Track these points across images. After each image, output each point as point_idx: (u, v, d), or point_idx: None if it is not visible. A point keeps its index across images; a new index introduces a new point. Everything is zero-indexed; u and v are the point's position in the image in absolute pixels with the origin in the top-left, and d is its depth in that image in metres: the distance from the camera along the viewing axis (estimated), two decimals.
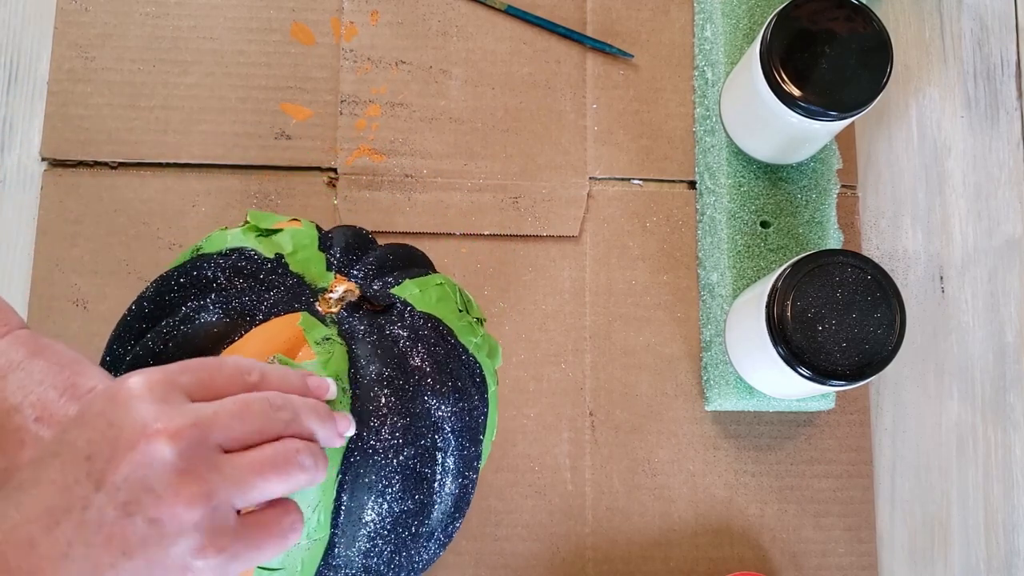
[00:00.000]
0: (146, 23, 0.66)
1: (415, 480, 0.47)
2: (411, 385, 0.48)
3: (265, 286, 0.49)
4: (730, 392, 0.60)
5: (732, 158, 0.63)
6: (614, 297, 0.65)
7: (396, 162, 0.65)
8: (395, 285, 0.51)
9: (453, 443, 0.50)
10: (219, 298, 0.48)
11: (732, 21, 0.64)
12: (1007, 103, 0.69)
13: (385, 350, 0.48)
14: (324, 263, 0.51)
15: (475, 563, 0.61)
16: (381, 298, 0.50)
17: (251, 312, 0.48)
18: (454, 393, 0.49)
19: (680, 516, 0.62)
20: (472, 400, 0.50)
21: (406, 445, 0.47)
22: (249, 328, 0.48)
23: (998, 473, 0.64)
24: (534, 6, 0.68)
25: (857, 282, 0.53)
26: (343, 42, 0.66)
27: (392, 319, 0.50)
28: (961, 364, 0.66)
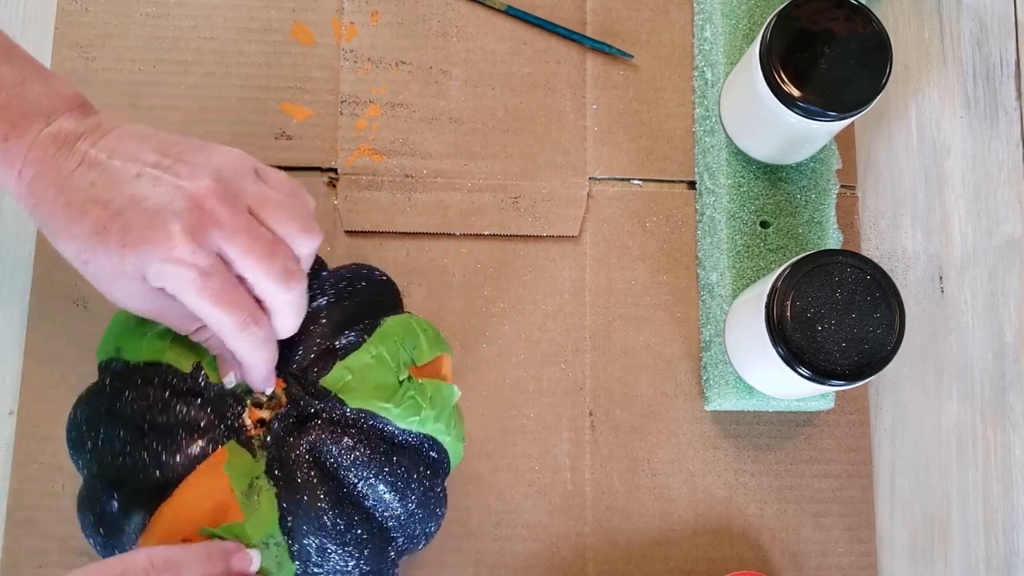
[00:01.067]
0: (146, 23, 0.66)
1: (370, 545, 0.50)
2: (350, 504, 0.49)
3: (187, 406, 0.49)
4: (730, 392, 0.60)
5: (732, 158, 0.63)
6: (614, 297, 0.65)
7: (396, 162, 0.65)
8: (325, 373, 0.50)
9: (405, 527, 0.51)
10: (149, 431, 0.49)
11: (732, 21, 0.64)
12: (1006, 103, 0.69)
13: (318, 477, 0.49)
14: None
15: (475, 563, 0.61)
16: (307, 405, 0.50)
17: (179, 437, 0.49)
18: (396, 495, 0.50)
19: (680, 516, 0.62)
20: (421, 483, 0.51)
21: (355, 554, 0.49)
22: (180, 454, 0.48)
23: (998, 473, 0.64)
24: (534, 6, 0.68)
25: (857, 282, 0.53)
26: (343, 42, 0.66)
27: (321, 428, 0.49)
28: (961, 364, 0.66)
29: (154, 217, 0.44)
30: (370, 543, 0.50)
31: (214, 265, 0.45)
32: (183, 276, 0.44)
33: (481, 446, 0.62)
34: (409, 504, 0.51)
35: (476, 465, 0.62)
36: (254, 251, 0.45)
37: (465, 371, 0.63)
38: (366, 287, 0.54)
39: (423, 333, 0.54)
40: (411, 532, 0.52)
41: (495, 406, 0.62)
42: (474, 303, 0.64)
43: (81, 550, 0.59)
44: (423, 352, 0.53)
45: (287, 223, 0.47)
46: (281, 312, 0.47)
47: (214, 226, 0.45)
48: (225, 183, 0.45)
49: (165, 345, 0.50)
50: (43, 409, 0.61)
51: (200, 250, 0.44)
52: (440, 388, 0.52)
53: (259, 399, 0.50)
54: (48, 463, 0.60)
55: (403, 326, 0.53)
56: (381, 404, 0.50)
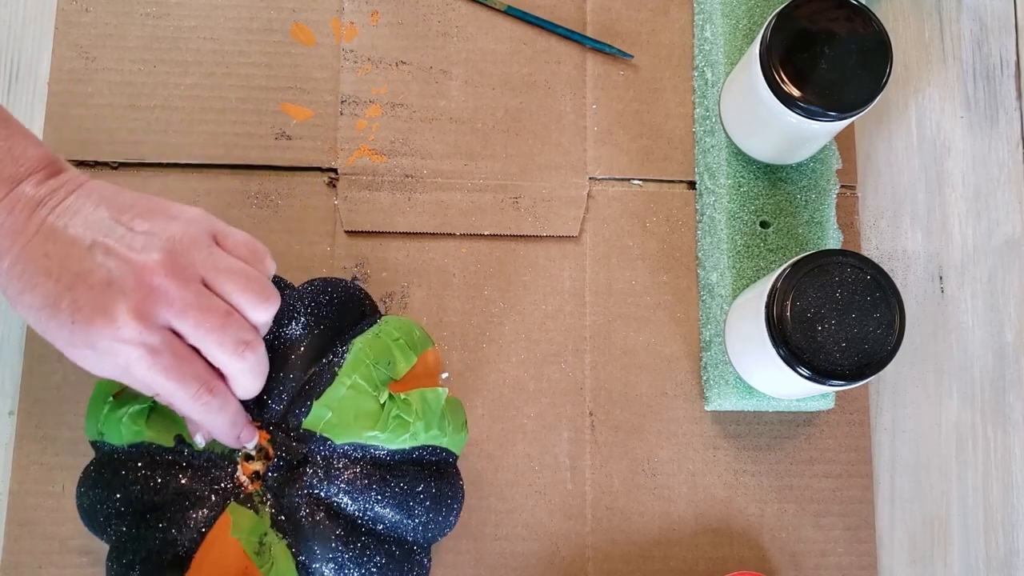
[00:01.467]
0: (146, 23, 0.66)
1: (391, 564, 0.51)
2: (362, 535, 0.49)
3: (179, 479, 0.50)
4: (730, 392, 0.60)
5: (732, 158, 0.63)
6: (614, 297, 0.65)
7: (396, 162, 0.65)
8: (305, 415, 0.50)
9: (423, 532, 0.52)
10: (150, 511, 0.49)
11: (732, 21, 0.64)
12: (1007, 103, 0.69)
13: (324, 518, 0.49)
14: None
15: (475, 563, 0.61)
16: (295, 451, 0.50)
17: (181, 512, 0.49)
18: (404, 513, 0.50)
19: (680, 516, 0.62)
20: (428, 492, 0.51)
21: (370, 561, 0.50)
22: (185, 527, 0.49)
23: (998, 473, 0.64)
24: (534, 6, 0.68)
25: (857, 282, 0.53)
26: (343, 42, 0.66)
27: (316, 470, 0.50)
28: (961, 364, 0.66)
29: (102, 295, 0.44)
30: (391, 563, 0.50)
31: (163, 341, 0.45)
32: (131, 353, 0.44)
33: (481, 446, 0.62)
34: (419, 517, 0.51)
35: (476, 465, 0.62)
36: (204, 325, 0.45)
37: (465, 371, 0.63)
38: (327, 307, 0.54)
39: (394, 344, 0.53)
40: (430, 535, 0.52)
41: (495, 406, 0.62)
42: (474, 303, 0.64)
43: (81, 550, 0.59)
44: (399, 366, 0.53)
45: (241, 293, 0.46)
46: (237, 379, 0.47)
47: (163, 303, 0.44)
48: (176, 255, 0.45)
49: (142, 427, 0.50)
50: (43, 409, 0.61)
51: (147, 329, 0.44)
52: (425, 396, 0.52)
53: (248, 453, 0.51)
54: (48, 463, 0.60)
55: (372, 345, 0.52)
56: (367, 434, 0.50)
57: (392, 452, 0.51)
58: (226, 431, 0.48)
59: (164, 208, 0.47)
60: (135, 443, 0.51)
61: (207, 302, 0.45)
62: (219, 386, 0.47)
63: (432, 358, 0.55)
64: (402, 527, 0.51)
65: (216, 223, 0.48)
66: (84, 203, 0.46)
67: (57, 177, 0.47)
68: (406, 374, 0.53)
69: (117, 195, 0.47)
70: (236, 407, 0.48)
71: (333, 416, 0.50)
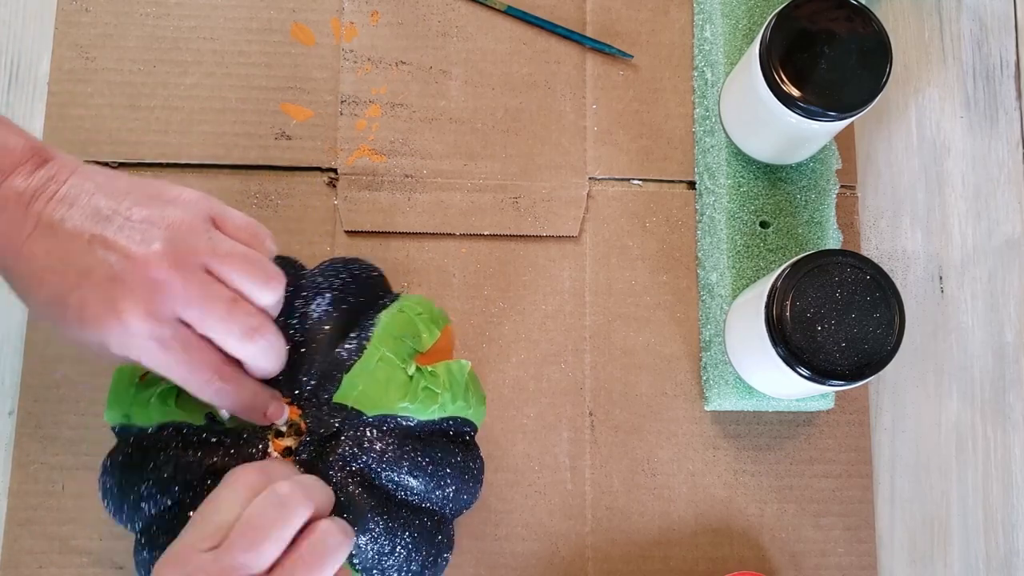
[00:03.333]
0: (146, 23, 0.66)
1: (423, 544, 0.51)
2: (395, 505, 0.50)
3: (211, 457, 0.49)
4: (730, 392, 0.60)
5: (732, 158, 0.63)
6: (614, 297, 0.65)
7: (396, 162, 0.65)
8: (335, 389, 0.51)
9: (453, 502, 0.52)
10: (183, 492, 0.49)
11: (732, 21, 0.64)
12: (1007, 103, 0.69)
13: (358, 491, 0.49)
14: None
15: (475, 563, 0.61)
16: (327, 425, 0.50)
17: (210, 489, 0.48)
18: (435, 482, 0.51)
19: (680, 516, 0.62)
20: (456, 463, 0.52)
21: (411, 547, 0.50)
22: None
23: (998, 473, 0.64)
24: (534, 6, 0.68)
25: (856, 282, 0.53)
26: (343, 42, 0.66)
27: (348, 443, 0.50)
28: (961, 364, 0.66)
29: (107, 292, 0.44)
30: (424, 532, 0.51)
31: (173, 334, 0.45)
32: (142, 346, 0.44)
33: (481, 446, 0.62)
34: (448, 487, 0.51)
35: None
36: (211, 314, 0.45)
37: None
38: (351, 283, 0.54)
39: (418, 319, 0.54)
40: (458, 506, 0.53)
41: (495, 406, 0.62)
42: (474, 303, 0.64)
43: (81, 550, 0.59)
44: (424, 338, 0.53)
45: (244, 277, 0.46)
46: (251, 363, 0.47)
47: (168, 296, 0.44)
48: (176, 245, 0.45)
49: (171, 406, 0.50)
50: (43, 409, 0.61)
51: (156, 324, 0.44)
52: (451, 368, 0.53)
53: (279, 429, 0.50)
54: (48, 463, 0.60)
55: (398, 320, 0.53)
56: (398, 405, 0.50)
57: (422, 423, 0.51)
58: (247, 412, 0.48)
59: (161, 192, 0.46)
60: (164, 423, 0.50)
61: (211, 291, 0.45)
62: (231, 372, 0.47)
63: (449, 335, 0.56)
64: (433, 498, 0.51)
65: (214, 205, 0.47)
66: (79, 192, 0.45)
67: (47, 166, 0.46)
68: (430, 348, 0.54)
69: (112, 180, 0.46)
70: (253, 389, 0.48)
71: (363, 389, 0.50)
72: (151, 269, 0.44)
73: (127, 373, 0.52)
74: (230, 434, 0.50)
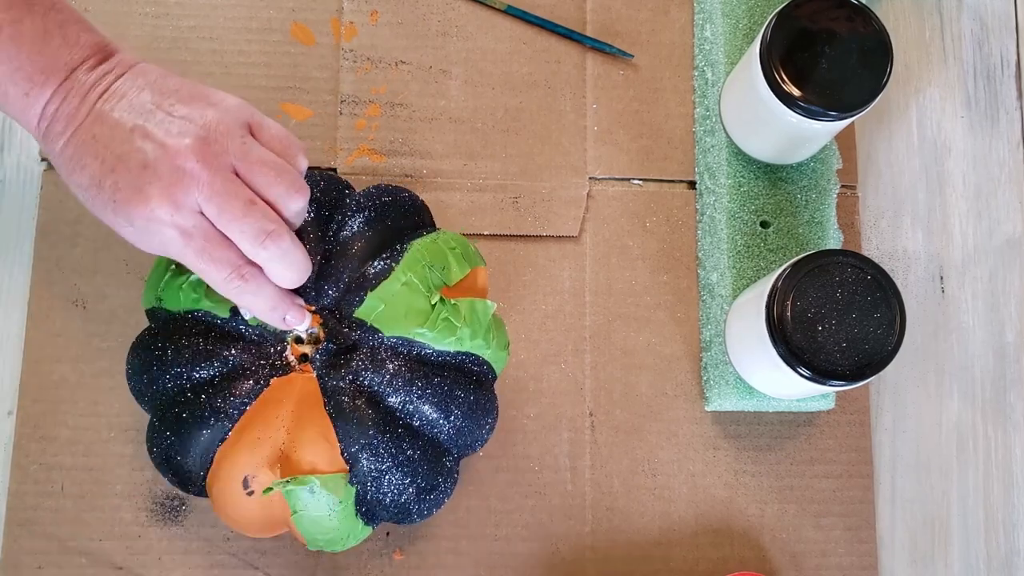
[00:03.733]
0: (146, 23, 0.66)
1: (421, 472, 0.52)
2: (399, 427, 0.51)
3: (230, 349, 0.51)
4: (730, 392, 0.60)
5: (732, 158, 0.63)
6: (614, 297, 0.65)
7: (396, 162, 0.65)
8: (358, 305, 0.52)
9: (456, 438, 0.53)
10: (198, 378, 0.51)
11: (732, 21, 0.64)
12: (1007, 103, 0.69)
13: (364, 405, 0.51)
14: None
15: (475, 563, 0.61)
16: (345, 337, 0.51)
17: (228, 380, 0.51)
18: (441, 412, 0.52)
19: (680, 516, 0.62)
20: (466, 398, 0.52)
21: (409, 472, 0.51)
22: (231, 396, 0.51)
23: (998, 473, 0.64)
24: (534, 6, 0.68)
25: (857, 282, 0.53)
26: (343, 42, 0.66)
27: (362, 358, 0.51)
28: (961, 364, 0.66)
29: (138, 177, 0.46)
30: (423, 460, 0.51)
31: (196, 225, 0.47)
32: (166, 233, 0.47)
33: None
34: (455, 420, 0.52)
35: (476, 465, 0.62)
36: (227, 212, 0.47)
37: None
38: (391, 208, 0.55)
39: (450, 252, 0.54)
40: (463, 442, 0.53)
41: None
42: None
43: (81, 550, 0.59)
44: (453, 272, 0.54)
45: (270, 184, 0.48)
46: (267, 268, 0.49)
47: (192, 187, 0.46)
48: (209, 143, 0.47)
49: (200, 295, 0.52)
50: (43, 409, 0.61)
51: (179, 211, 0.46)
52: (474, 305, 0.53)
53: (299, 335, 0.52)
54: (48, 463, 0.60)
55: (430, 249, 0.53)
56: (416, 330, 0.51)
57: (438, 353, 0.52)
58: (265, 314, 0.50)
59: (205, 95, 0.49)
60: (192, 310, 0.52)
61: (232, 188, 0.47)
62: (252, 272, 0.48)
63: (483, 277, 0.57)
64: (438, 427, 0.52)
65: (255, 114, 0.50)
66: (131, 87, 0.48)
67: (109, 61, 0.49)
68: (458, 283, 0.54)
69: (163, 79, 0.49)
70: (272, 293, 0.49)
71: (385, 309, 0.51)
72: (180, 159, 0.46)
73: (166, 261, 0.54)
74: (252, 331, 0.52)
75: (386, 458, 0.50)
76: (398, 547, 0.60)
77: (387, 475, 0.51)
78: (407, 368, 0.51)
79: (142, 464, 0.60)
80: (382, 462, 0.50)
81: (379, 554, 0.60)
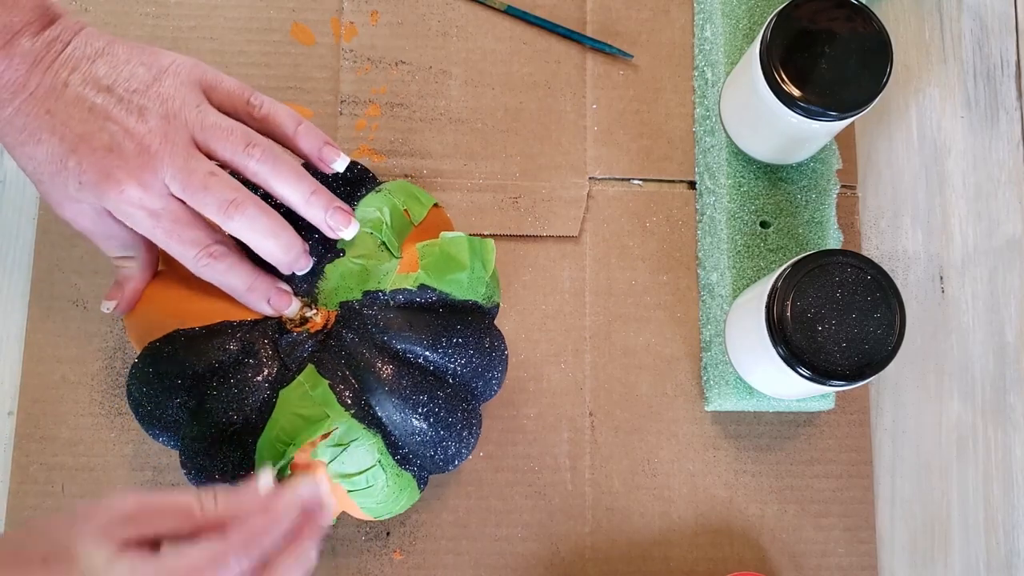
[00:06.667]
0: (146, 23, 0.66)
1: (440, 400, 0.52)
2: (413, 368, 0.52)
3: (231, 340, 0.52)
4: (730, 392, 0.60)
5: (732, 158, 0.63)
6: (614, 297, 0.65)
7: (396, 162, 0.65)
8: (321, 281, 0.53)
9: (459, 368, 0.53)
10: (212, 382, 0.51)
11: (732, 21, 0.64)
12: (1007, 103, 0.69)
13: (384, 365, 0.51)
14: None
15: (475, 563, 0.61)
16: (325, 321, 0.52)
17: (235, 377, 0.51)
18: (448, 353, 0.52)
19: (680, 516, 0.62)
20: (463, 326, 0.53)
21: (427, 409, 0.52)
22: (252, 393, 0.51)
23: (998, 473, 0.64)
24: (534, 6, 0.68)
25: (857, 282, 0.53)
26: (343, 42, 0.66)
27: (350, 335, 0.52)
28: (961, 364, 0.66)
29: (104, 159, 0.47)
30: (442, 399, 0.52)
31: (164, 207, 0.48)
32: (135, 215, 0.48)
33: (481, 446, 0.62)
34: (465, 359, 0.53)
35: (476, 465, 0.62)
36: (189, 188, 0.48)
37: None
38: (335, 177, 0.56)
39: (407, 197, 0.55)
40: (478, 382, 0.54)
41: (495, 406, 0.62)
42: None
43: None
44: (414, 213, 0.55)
45: (226, 148, 0.49)
46: (245, 238, 0.50)
47: (160, 167, 0.47)
48: (168, 119, 0.48)
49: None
50: (43, 409, 0.61)
51: (148, 195, 0.47)
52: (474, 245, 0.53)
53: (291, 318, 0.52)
54: (48, 463, 0.60)
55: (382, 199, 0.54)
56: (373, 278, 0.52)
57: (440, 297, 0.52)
58: (243, 295, 0.51)
59: (158, 61, 0.49)
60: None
61: (192, 164, 0.48)
62: (220, 250, 0.49)
63: (444, 214, 0.58)
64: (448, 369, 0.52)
65: (206, 72, 0.50)
66: (81, 57, 0.48)
67: (52, 27, 0.48)
68: (422, 223, 0.55)
69: (111, 47, 0.49)
70: (246, 271, 0.50)
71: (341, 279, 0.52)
72: (144, 140, 0.47)
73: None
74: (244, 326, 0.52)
75: (412, 403, 0.51)
76: (398, 547, 0.60)
77: (412, 418, 0.51)
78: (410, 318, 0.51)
79: (142, 464, 0.60)
80: (409, 408, 0.51)
81: (379, 554, 0.60)
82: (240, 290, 0.51)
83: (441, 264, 0.52)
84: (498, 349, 0.55)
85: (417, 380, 0.51)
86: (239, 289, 0.51)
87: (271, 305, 0.51)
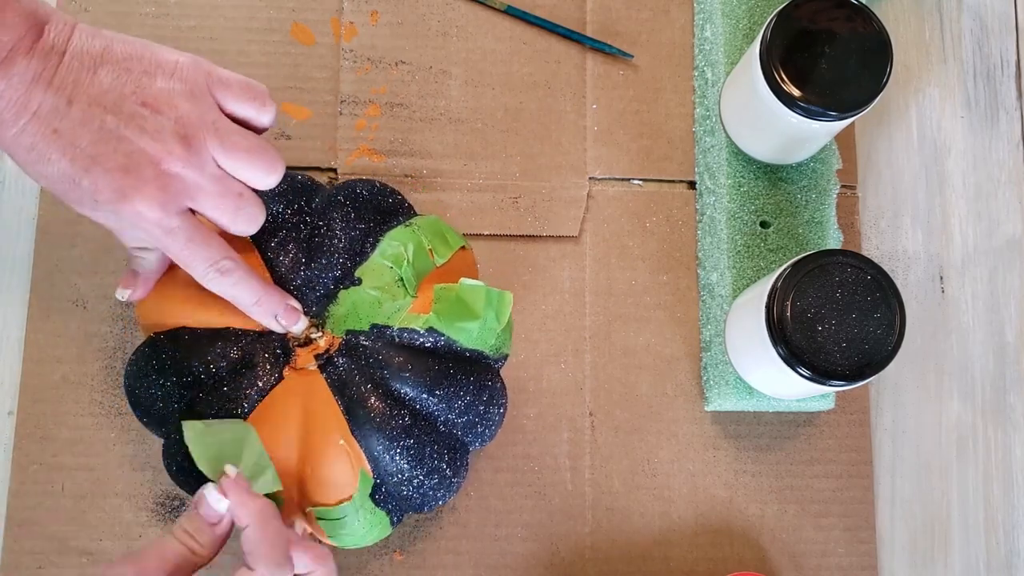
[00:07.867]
0: (146, 23, 0.66)
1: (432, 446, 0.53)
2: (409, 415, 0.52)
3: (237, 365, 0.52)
4: (730, 392, 0.60)
5: (732, 158, 0.63)
6: (614, 297, 0.65)
7: (396, 162, 0.65)
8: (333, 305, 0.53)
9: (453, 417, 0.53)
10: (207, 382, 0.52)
11: (732, 21, 0.64)
12: (1007, 103, 0.69)
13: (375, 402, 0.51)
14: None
15: (475, 563, 0.61)
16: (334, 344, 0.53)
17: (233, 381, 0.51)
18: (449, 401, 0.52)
19: (680, 516, 0.62)
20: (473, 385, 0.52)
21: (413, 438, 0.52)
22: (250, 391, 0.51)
23: (998, 473, 0.64)
24: (534, 6, 0.68)
25: (857, 282, 0.53)
26: (343, 42, 0.66)
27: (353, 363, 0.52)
28: (961, 364, 0.66)
29: (120, 181, 0.46)
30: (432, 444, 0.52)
31: (180, 225, 0.48)
32: (149, 231, 0.48)
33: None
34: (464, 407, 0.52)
35: (476, 465, 0.62)
36: (218, 208, 0.49)
37: None
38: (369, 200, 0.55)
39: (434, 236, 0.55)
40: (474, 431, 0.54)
41: None
42: None
43: (81, 550, 0.59)
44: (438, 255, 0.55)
45: (246, 169, 0.49)
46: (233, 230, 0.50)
47: (181, 190, 0.47)
48: (188, 140, 0.47)
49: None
50: (43, 409, 0.61)
51: (167, 215, 0.47)
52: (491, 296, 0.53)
53: (298, 338, 0.52)
54: (48, 463, 0.60)
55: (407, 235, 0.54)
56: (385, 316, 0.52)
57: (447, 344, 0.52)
58: (251, 309, 0.51)
59: (159, 63, 0.48)
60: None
61: (222, 187, 0.48)
62: (230, 265, 0.50)
63: (471, 256, 0.58)
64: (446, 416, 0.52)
65: (211, 71, 0.49)
66: (80, 67, 0.46)
67: (44, 35, 0.46)
68: (445, 265, 0.55)
69: (108, 50, 0.47)
70: (255, 286, 0.51)
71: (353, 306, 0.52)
72: (164, 164, 0.47)
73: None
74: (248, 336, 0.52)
75: (398, 443, 0.51)
76: (398, 547, 0.60)
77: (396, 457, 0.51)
78: (412, 359, 0.51)
79: (142, 464, 0.60)
80: (395, 448, 0.51)
81: (379, 554, 0.60)
82: (247, 303, 0.51)
83: (454, 311, 0.52)
84: (496, 403, 0.54)
85: (407, 422, 0.51)
86: (246, 303, 0.51)
87: (279, 321, 0.51)
